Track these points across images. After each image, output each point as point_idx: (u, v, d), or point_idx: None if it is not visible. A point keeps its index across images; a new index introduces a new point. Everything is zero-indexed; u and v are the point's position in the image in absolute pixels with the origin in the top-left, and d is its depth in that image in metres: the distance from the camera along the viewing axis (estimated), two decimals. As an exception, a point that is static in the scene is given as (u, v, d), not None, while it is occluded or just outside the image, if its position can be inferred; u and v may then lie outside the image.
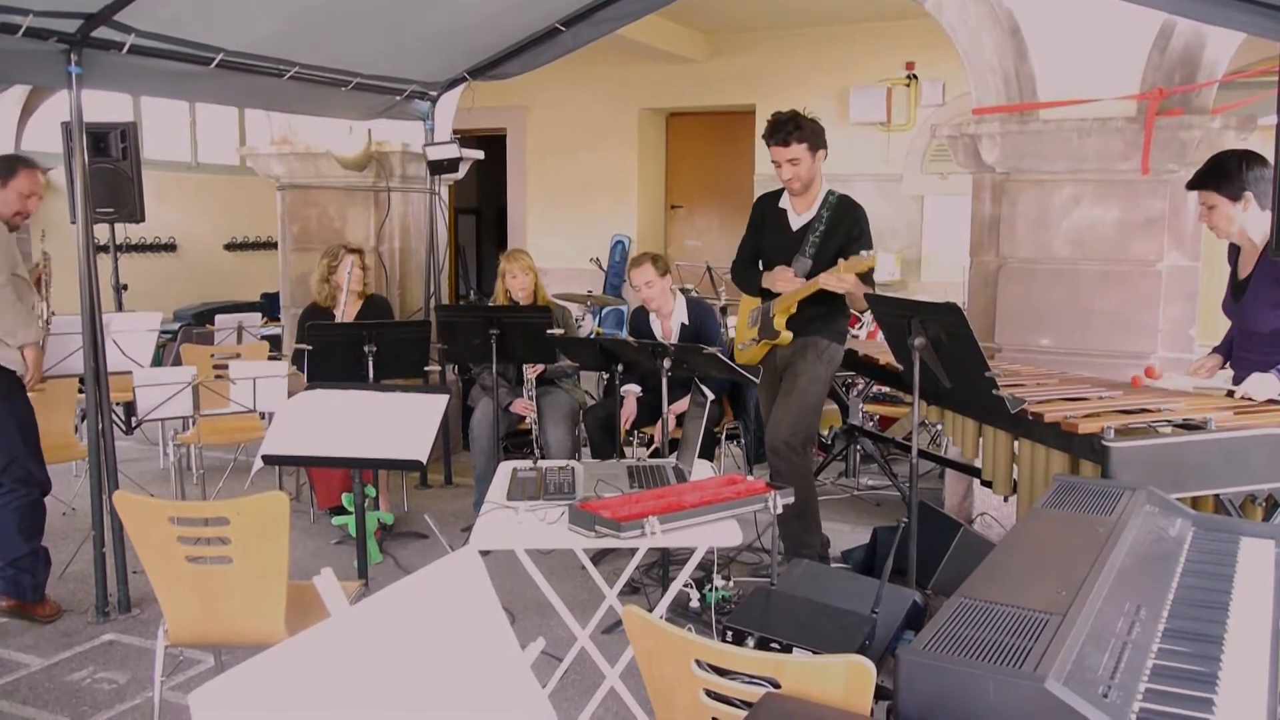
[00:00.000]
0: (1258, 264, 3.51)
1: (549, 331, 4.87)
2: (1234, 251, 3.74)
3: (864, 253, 3.93)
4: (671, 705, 1.89)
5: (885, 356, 4.55)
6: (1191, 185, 3.63)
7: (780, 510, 2.79)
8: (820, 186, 4.32)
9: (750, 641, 1.97)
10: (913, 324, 3.27)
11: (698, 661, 1.80)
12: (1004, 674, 1.53)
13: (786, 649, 1.93)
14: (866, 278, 4.06)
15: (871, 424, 6.24)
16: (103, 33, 3.97)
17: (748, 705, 1.78)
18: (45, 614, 4.20)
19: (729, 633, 2.01)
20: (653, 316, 5.20)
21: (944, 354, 3.28)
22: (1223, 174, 3.52)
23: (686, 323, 5.13)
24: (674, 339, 5.09)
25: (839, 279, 3.97)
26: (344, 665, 1.15)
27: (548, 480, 3.24)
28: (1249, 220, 3.51)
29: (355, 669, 1.15)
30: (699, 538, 2.74)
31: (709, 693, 1.82)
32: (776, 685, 1.71)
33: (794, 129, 4.16)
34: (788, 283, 4.23)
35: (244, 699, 1.04)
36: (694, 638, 1.80)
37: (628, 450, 4.99)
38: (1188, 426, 3.06)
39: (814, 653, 1.86)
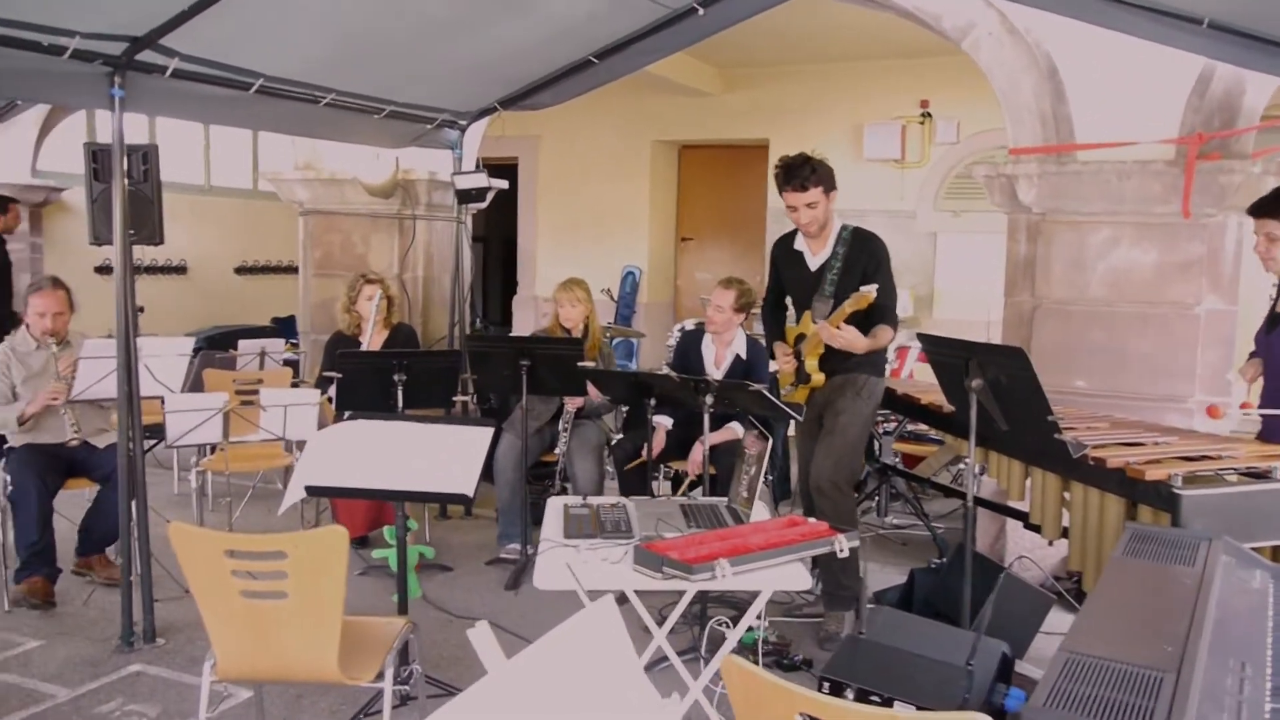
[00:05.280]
0: None
1: (580, 364, 4.83)
2: None
3: (863, 288, 3.86)
4: (770, 757, 1.84)
5: (925, 396, 4.52)
6: (1258, 212, 3.60)
7: (846, 553, 2.75)
8: (834, 224, 4.23)
9: (849, 693, 1.92)
10: (970, 365, 3.23)
11: (802, 714, 1.75)
12: (1135, 734, 1.50)
13: (887, 702, 1.89)
14: (880, 316, 4.04)
15: (896, 462, 6.20)
16: (147, 56, 3.96)
17: (853, 760, 1.73)
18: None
19: (825, 684, 1.97)
20: (707, 340, 5.15)
21: (1001, 396, 3.24)
22: None
23: (742, 356, 5.09)
24: (724, 368, 5.05)
25: (831, 334, 3.95)
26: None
27: (602, 518, 3.18)
28: None
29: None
30: (766, 580, 2.69)
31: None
32: (887, 740, 1.66)
33: (810, 173, 4.07)
34: (783, 362, 4.31)
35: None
36: (798, 689, 1.75)
37: (654, 485, 4.95)
38: (1252, 475, 3.03)
39: (917, 707, 1.82)
